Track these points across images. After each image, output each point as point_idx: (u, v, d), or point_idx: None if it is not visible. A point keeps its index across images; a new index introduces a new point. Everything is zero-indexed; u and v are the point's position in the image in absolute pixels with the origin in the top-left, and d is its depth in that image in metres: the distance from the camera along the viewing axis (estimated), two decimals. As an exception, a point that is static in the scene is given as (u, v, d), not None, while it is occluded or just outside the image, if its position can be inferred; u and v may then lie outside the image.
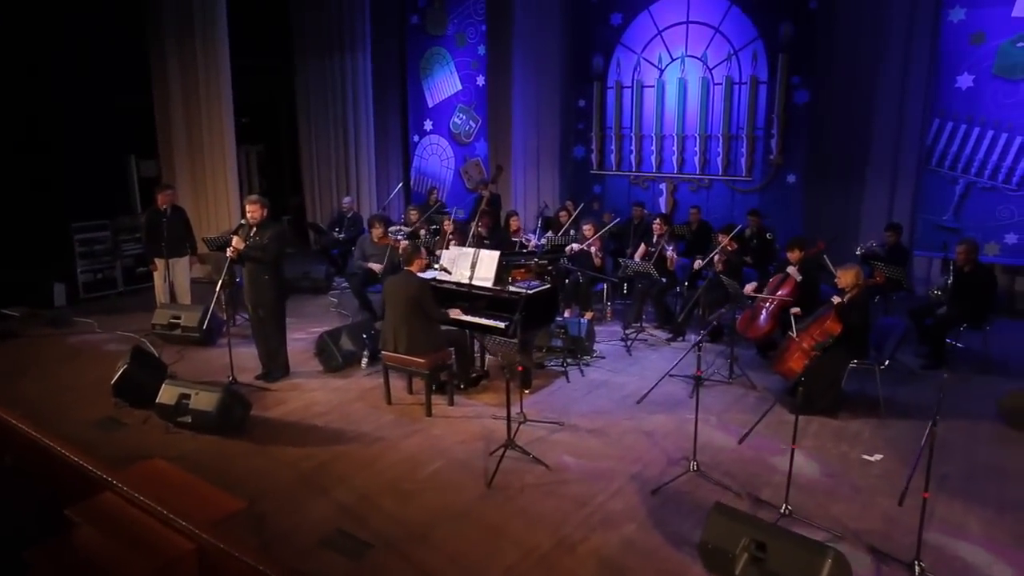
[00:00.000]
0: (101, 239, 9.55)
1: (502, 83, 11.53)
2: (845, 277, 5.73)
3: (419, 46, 12.48)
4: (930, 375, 6.46)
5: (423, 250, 5.81)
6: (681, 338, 7.63)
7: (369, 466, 4.88)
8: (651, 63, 10.33)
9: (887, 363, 5.65)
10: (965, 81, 8.16)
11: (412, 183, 13.20)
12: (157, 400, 5.41)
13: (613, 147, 10.95)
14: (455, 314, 6.02)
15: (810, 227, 9.22)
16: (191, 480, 4.54)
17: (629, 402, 5.96)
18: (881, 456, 4.95)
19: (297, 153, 12.94)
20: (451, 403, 5.92)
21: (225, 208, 10.34)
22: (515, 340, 5.61)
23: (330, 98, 12.25)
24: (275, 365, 6.52)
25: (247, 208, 6.18)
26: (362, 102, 12.30)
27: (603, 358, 7.06)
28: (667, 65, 10.20)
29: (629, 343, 7.36)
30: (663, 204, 10.62)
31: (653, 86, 10.35)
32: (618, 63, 10.64)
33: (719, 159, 9.99)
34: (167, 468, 4.61)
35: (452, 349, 5.95)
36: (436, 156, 12.78)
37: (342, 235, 10.45)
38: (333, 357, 6.68)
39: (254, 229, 6.22)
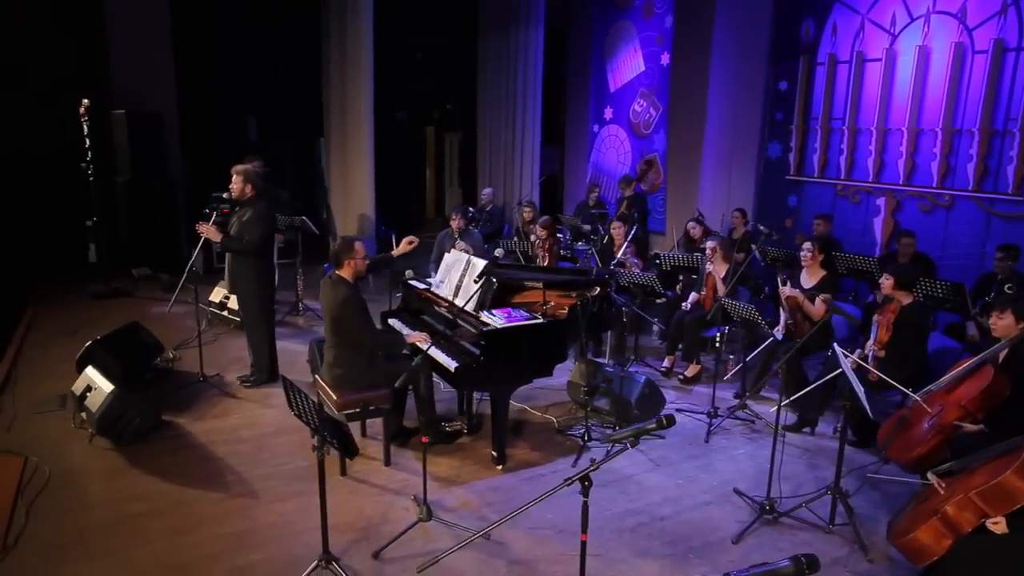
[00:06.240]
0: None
1: (690, 60, 9.22)
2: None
3: (605, 21, 10.69)
4: None
5: (357, 246, 4.24)
6: (808, 430, 4.94)
7: (191, 532, 3.56)
8: (880, 26, 7.26)
9: None
10: None
11: (588, 179, 11.48)
12: (73, 386, 4.71)
13: (818, 144, 8.03)
14: (415, 341, 4.37)
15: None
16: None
17: (627, 525, 3.74)
18: None
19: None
20: (387, 462, 4.31)
21: (362, 193, 9.82)
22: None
23: (502, 79, 11.11)
24: (258, 367, 5.54)
25: (232, 178, 5.27)
26: (531, 84, 10.92)
27: (661, 438, 4.79)
28: (903, 28, 7.05)
29: (715, 423, 4.93)
30: (879, 227, 7.47)
31: (880, 59, 7.26)
32: (834, 29, 7.71)
33: (971, 166, 6.61)
34: (1, 474, 4.04)
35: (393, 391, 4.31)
36: (614, 149, 10.90)
37: (478, 231, 9.29)
38: (317, 369, 5.48)
39: (236, 208, 5.31)
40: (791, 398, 4.88)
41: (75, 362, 5.02)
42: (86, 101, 7.49)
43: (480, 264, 4.38)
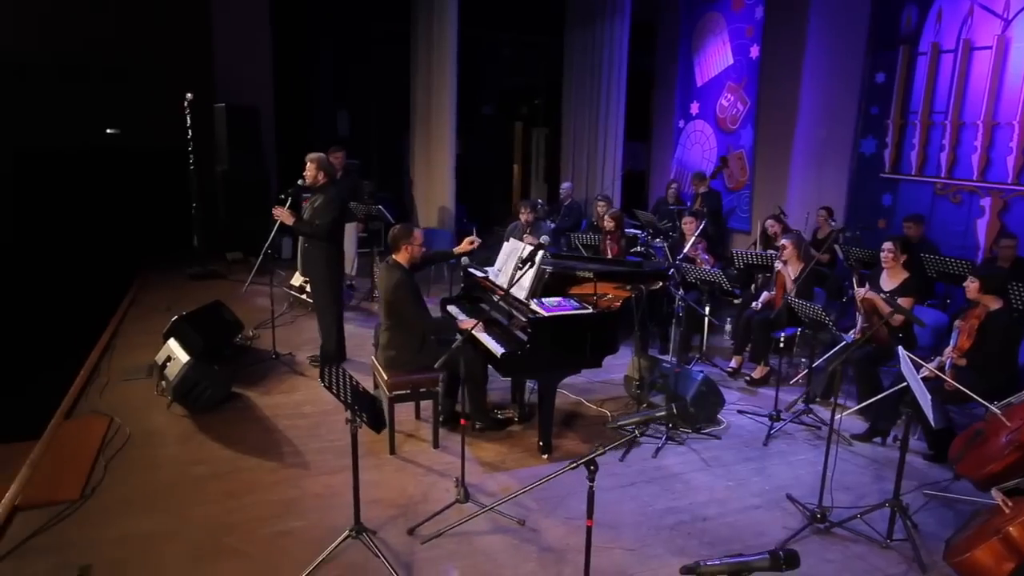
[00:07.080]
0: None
1: (782, 52, 8.92)
2: None
3: (693, 14, 10.42)
4: None
5: (416, 233, 4.35)
6: (879, 440, 4.65)
7: (244, 496, 3.78)
8: (991, 11, 6.69)
9: None
10: None
11: (672, 175, 11.24)
12: (156, 356, 5.09)
13: (916, 140, 7.51)
14: (467, 327, 4.43)
15: None
16: (81, 453, 4.12)
17: (666, 523, 3.66)
18: None
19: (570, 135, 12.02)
20: (435, 444, 4.40)
21: (443, 185, 10.02)
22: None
23: (587, 74, 11.06)
24: (326, 348, 5.77)
25: (307, 166, 5.50)
26: (616, 78, 10.78)
27: (716, 439, 4.63)
28: (1017, 13, 6.47)
29: (776, 427, 4.72)
30: (982, 229, 6.90)
31: (990, 47, 6.69)
32: (939, 16, 7.17)
33: (1092, 164, 6.00)
34: (89, 432, 4.43)
35: (444, 375, 4.40)
36: (699, 145, 10.61)
37: (553, 225, 9.33)
38: (381, 352, 5.65)
39: (308, 193, 5.57)
40: (861, 404, 4.64)
41: (162, 335, 5.42)
42: (189, 95, 8.05)
43: (528, 250, 4.38)
